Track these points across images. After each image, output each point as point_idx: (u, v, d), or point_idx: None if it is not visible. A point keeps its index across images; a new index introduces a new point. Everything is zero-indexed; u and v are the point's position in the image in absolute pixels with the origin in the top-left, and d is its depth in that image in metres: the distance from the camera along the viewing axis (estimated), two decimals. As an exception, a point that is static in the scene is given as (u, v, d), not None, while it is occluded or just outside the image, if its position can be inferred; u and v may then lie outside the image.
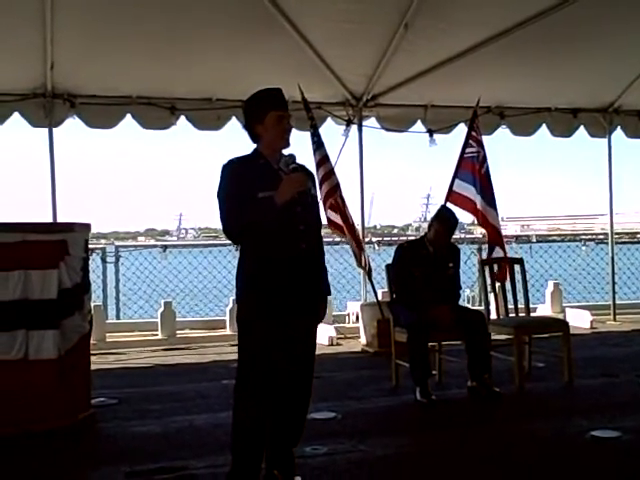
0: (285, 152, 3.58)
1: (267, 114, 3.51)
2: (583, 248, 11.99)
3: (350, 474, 4.00)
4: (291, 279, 3.45)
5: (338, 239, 8.07)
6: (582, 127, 9.33)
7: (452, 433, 4.77)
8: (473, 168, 7.83)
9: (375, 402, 5.58)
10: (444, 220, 5.99)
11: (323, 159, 7.43)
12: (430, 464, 4.18)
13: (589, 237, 12.75)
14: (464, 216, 8.30)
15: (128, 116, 7.77)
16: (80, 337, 5.06)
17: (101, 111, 7.68)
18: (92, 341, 7.00)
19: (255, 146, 3.62)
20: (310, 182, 3.63)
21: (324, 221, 7.31)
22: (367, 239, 10.06)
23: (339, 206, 7.42)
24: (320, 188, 7.37)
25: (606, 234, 10.21)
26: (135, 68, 7.32)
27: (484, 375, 5.64)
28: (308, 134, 7.56)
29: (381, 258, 9.62)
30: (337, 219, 7.47)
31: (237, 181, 3.46)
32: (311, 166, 6.52)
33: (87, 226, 5.35)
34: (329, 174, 7.41)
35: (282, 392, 3.59)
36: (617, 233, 10.79)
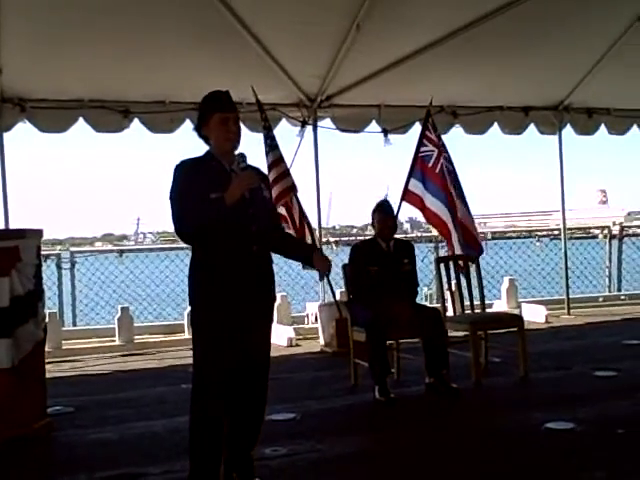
0: (236, 152, 3.59)
1: (211, 116, 3.53)
2: (537, 244, 12.17)
3: (310, 475, 4.01)
4: (242, 280, 3.44)
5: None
6: (533, 125, 9.49)
7: (411, 430, 4.82)
8: (427, 169, 7.91)
9: (334, 402, 5.60)
10: (378, 208, 6.08)
11: (277, 160, 7.43)
12: (390, 462, 4.21)
13: (544, 233, 12.93)
14: (421, 215, 8.36)
15: (80, 120, 7.67)
16: (34, 345, 4.97)
17: (52, 115, 7.57)
18: (48, 349, 6.91)
19: (208, 148, 3.62)
20: (262, 184, 3.64)
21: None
22: (325, 239, 10.06)
23: (290, 208, 7.43)
24: (274, 186, 7.38)
25: (560, 230, 10.37)
26: (87, 71, 7.22)
27: (442, 371, 5.70)
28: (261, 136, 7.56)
29: (339, 258, 9.64)
30: (287, 219, 7.47)
31: (189, 181, 3.45)
32: (263, 168, 6.51)
33: (39, 232, 5.26)
34: (283, 175, 7.41)
35: (237, 394, 3.58)
36: (570, 229, 10.98)
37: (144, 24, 6.67)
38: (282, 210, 7.42)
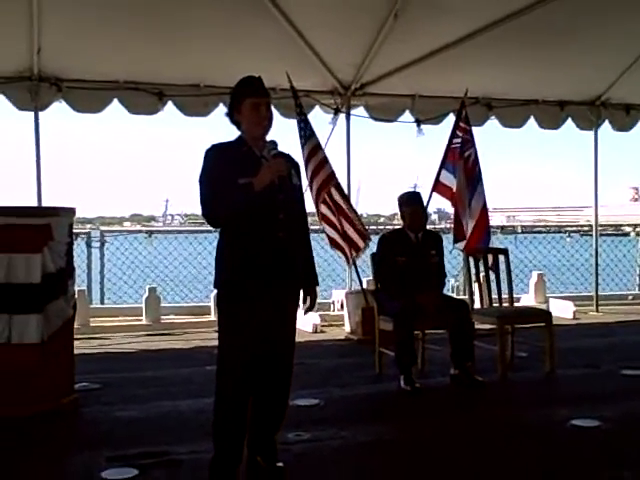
0: (267, 139, 3.59)
1: (243, 102, 3.52)
2: (567, 239, 12.06)
3: (332, 461, 4.02)
4: (267, 266, 3.44)
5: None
6: (570, 120, 9.38)
7: (435, 421, 4.80)
8: (455, 158, 7.87)
9: (358, 389, 5.60)
10: (409, 201, 6.03)
11: (316, 148, 7.44)
12: (412, 451, 4.21)
13: (574, 229, 12.81)
14: (449, 206, 8.32)
15: (115, 101, 7.71)
16: (64, 322, 5.04)
17: (88, 95, 7.61)
18: (76, 325, 7.01)
19: (240, 133, 3.62)
20: (293, 170, 3.62)
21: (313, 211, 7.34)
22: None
23: (332, 198, 7.42)
24: (314, 178, 7.38)
25: (591, 226, 10.26)
26: (122, 53, 7.25)
27: (467, 363, 5.68)
28: (295, 122, 7.55)
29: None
30: (329, 214, 7.47)
31: (218, 166, 3.45)
32: (298, 154, 6.51)
33: (72, 210, 5.32)
34: (322, 164, 7.41)
35: (262, 378, 3.60)
36: (601, 225, 10.86)
37: (178, 7, 6.68)
38: (324, 209, 7.41)
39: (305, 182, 6.75)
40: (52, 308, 4.89)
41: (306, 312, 3.78)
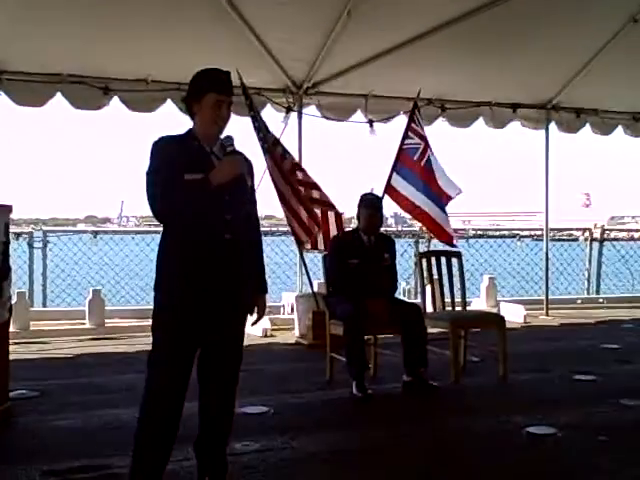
0: (222, 136, 3.39)
1: (205, 95, 3.30)
2: (518, 243, 12.12)
3: (282, 472, 3.86)
4: (211, 268, 3.24)
5: (274, 229, 7.89)
6: (519, 121, 9.40)
7: (388, 429, 4.67)
8: (412, 162, 7.79)
9: (309, 396, 5.45)
10: (368, 203, 5.94)
11: (275, 142, 7.33)
12: (364, 461, 4.07)
13: (526, 234, 12.88)
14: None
15: (58, 94, 7.44)
16: (-2, 325, 4.77)
17: (29, 88, 7.34)
18: (15, 330, 6.73)
19: (191, 126, 3.42)
20: (246, 170, 3.43)
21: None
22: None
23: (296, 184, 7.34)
24: (280, 170, 7.24)
25: (542, 230, 10.29)
26: (66, 46, 7.00)
27: (420, 369, 5.57)
28: (248, 120, 7.38)
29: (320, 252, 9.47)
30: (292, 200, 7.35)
31: (167, 159, 3.24)
32: (254, 153, 6.34)
33: (8, 208, 5.00)
34: (283, 157, 7.33)
35: (205, 385, 3.42)
36: (552, 229, 10.92)
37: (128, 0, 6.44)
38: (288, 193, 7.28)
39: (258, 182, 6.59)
40: (-16, 312, 4.62)
41: (254, 323, 3.57)
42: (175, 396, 3.29)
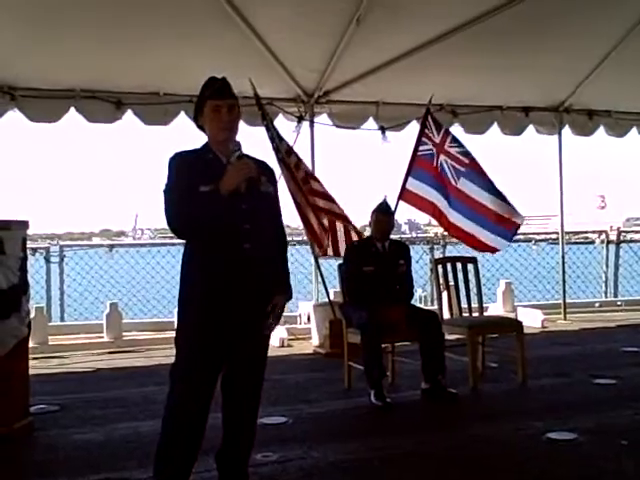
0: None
1: (205, 104, 3.32)
2: (534, 247, 12.06)
3: (302, 482, 3.85)
4: (230, 280, 3.23)
5: (289, 238, 7.87)
6: (532, 126, 9.36)
7: (408, 437, 4.64)
8: (430, 167, 7.75)
9: (328, 405, 5.43)
10: (377, 208, 5.96)
11: (289, 151, 7.33)
12: (385, 469, 4.04)
13: (541, 237, 12.82)
14: (420, 216, 8.25)
15: (72, 110, 7.50)
16: (17, 341, 4.78)
17: (43, 104, 7.40)
18: (33, 344, 6.75)
19: (206, 139, 3.42)
20: (265, 177, 3.39)
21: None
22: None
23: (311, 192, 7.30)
24: (294, 179, 7.22)
25: (558, 234, 10.23)
26: (79, 61, 7.04)
27: (438, 376, 5.54)
28: (262, 129, 7.38)
29: (334, 258, 9.46)
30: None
31: (182, 174, 3.23)
32: (272, 161, 6.35)
33: (25, 224, 5.04)
34: (299, 164, 7.32)
35: (230, 397, 3.41)
36: (568, 233, 10.85)
37: (138, 13, 6.47)
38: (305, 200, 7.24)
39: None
40: (4, 327, 4.64)
41: (268, 329, 3.43)
42: (198, 411, 3.30)
